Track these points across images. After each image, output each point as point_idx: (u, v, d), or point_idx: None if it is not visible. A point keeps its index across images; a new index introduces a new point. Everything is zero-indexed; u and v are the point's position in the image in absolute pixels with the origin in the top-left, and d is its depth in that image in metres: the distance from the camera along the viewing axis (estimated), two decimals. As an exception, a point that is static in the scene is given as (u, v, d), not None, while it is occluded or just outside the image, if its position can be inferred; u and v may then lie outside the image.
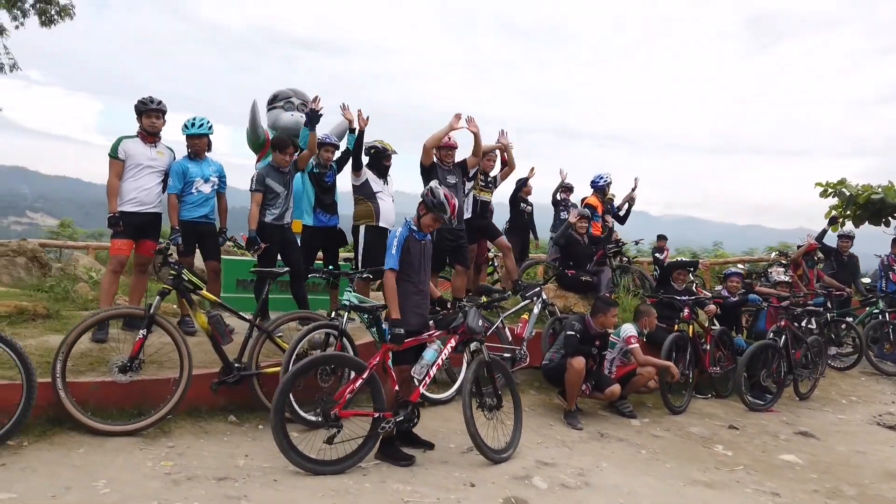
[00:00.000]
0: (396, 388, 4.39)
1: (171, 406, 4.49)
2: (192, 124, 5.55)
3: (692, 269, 7.98)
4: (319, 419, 4.24)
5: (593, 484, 4.27)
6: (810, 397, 7.42)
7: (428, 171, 6.72)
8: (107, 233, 9.08)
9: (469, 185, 7.33)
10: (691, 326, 6.81)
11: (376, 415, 4.24)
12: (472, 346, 4.65)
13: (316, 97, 6.19)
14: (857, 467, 5.16)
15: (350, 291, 5.25)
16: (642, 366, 6.09)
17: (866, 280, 11.11)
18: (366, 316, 4.55)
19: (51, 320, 5.66)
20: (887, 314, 9.31)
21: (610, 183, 9.29)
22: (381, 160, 6.64)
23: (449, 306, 4.97)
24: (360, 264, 6.46)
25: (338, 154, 6.64)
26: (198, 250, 5.74)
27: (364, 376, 4.18)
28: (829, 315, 8.92)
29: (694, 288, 7.67)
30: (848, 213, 16.02)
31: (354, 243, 6.64)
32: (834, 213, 16.46)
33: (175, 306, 5.71)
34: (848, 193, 15.62)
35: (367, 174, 6.55)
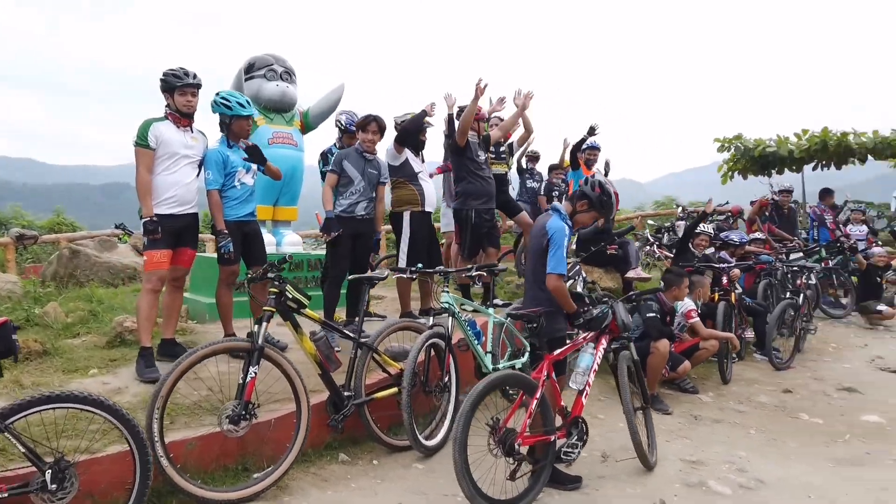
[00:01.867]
0: (562, 403, 3.90)
1: (295, 455, 3.67)
2: (239, 103, 4.50)
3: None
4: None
5: (765, 481, 4.09)
6: (804, 350, 7.85)
7: (462, 151, 6.09)
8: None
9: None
10: (733, 293, 6.85)
11: (552, 438, 3.73)
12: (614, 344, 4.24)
13: None
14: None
15: (447, 293, 4.59)
16: (706, 339, 6.02)
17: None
18: (533, 324, 3.92)
19: (50, 357, 4.48)
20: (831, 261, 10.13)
21: (598, 148, 9.08)
22: (416, 135, 5.89)
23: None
24: (406, 256, 5.75)
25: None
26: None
27: (538, 396, 3.64)
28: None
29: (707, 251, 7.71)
30: (739, 165, 17.30)
31: (396, 232, 5.89)
32: (725, 165, 17.74)
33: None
34: (743, 147, 16.82)
35: (407, 153, 5.79)
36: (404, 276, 4.73)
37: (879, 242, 11.74)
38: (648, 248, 11.64)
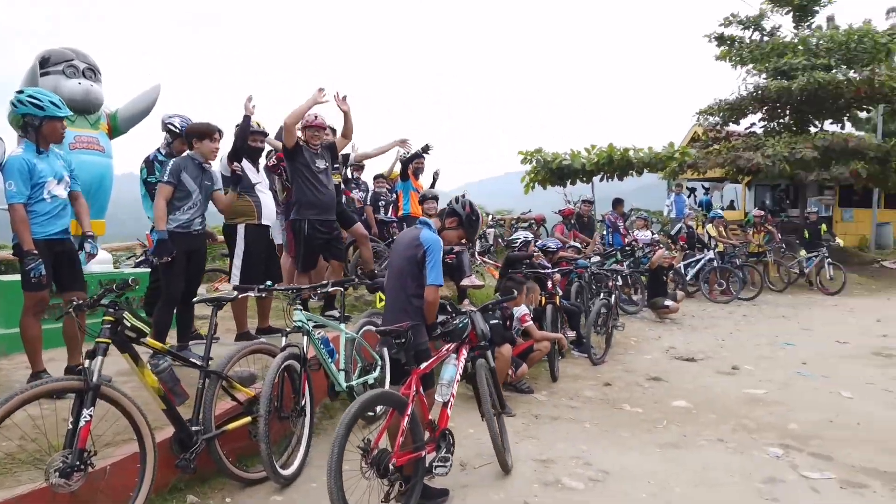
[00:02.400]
0: (430, 417, 3.88)
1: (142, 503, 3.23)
2: (52, 102, 3.88)
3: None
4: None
5: (610, 471, 4.42)
6: (612, 344, 8.66)
7: (292, 155, 5.86)
8: None
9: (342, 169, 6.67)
10: (557, 297, 7.32)
11: (423, 454, 3.69)
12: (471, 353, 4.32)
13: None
14: (723, 399, 6.26)
15: (300, 310, 4.36)
16: (539, 342, 6.37)
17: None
18: (400, 339, 3.80)
19: None
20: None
21: (419, 156, 9.23)
22: (250, 141, 5.55)
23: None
24: (240, 272, 5.40)
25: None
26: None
27: (409, 412, 3.58)
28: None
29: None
30: (539, 176, 18.71)
31: (230, 246, 5.49)
32: (527, 177, 19.09)
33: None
34: (543, 160, 18.21)
35: (242, 163, 5.44)
36: (252, 294, 4.40)
37: (661, 245, 13.37)
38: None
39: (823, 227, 14.82)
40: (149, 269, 5.95)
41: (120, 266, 10.21)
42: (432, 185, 9.63)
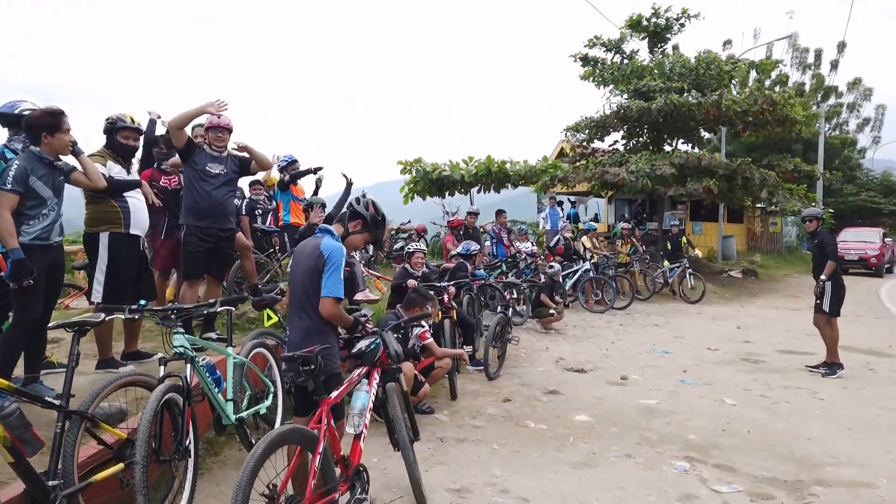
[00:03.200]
0: (342, 453, 3.41)
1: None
2: None
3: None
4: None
5: (528, 497, 4.17)
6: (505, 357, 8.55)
7: (183, 155, 5.22)
8: None
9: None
10: (454, 311, 7.03)
11: (336, 496, 3.22)
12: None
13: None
14: (622, 411, 6.25)
15: (181, 334, 3.73)
16: (440, 358, 6.05)
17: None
18: (309, 366, 3.27)
19: None
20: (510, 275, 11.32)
21: (292, 162, 8.68)
22: (120, 138, 4.81)
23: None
24: (103, 288, 4.64)
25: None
26: None
27: (320, 450, 3.10)
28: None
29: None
30: (419, 187, 18.55)
31: (90, 258, 4.70)
32: (407, 187, 18.86)
33: None
34: (423, 170, 18.05)
35: (111, 165, 4.69)
36: (123, 316, 3.70)
37: (541, 256, 13.59)
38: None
39: (684, 239, 15.77)
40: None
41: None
42: (315, 192, 9.06)
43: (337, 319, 3.49)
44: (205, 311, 4.04)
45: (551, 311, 10.54)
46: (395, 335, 4.04)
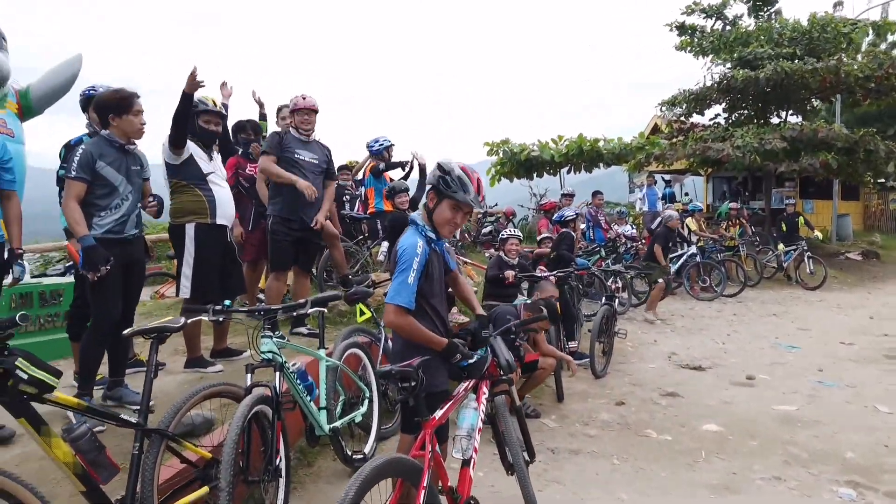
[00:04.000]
0: (449, 483, 2.90)
1: None
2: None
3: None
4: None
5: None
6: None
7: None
8: None
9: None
10: (559, 304, 6.41)
11: (448, 538, 2.72)
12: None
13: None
14: (757, 419, 5.46)
15: (270, 337, 3.31)
16: (545, 356, 5.47)
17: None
18: (408, 383, 2.79)
19: None
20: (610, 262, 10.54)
21: (391, 145, 8.18)
22: (201, 122, 4.46)
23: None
24: (191, 283, 4.32)
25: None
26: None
27: (425, 484, 2.60)
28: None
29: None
30: (506, 168, 17.89)
31: (178, 249, 4.40)
32: (493, 169, 18.23)
33: None
34: (510, 151, 17.38)
35: (191, 148, 4.34)
36: (207, 318, 3.31)
37: (641, 240, 12.68)
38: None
39: (801, 219, 14.40)
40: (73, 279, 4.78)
41: (47, 272, 8.85)
42: (406, 176, 8.57)
43: (405, 333, 2.93)
44: (294, 313, 3.61)
45: (658, 279, 9.60)
46: (508, 341, 3.45)
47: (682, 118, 20.06)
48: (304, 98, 5.05)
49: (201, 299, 4.47)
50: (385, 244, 7.55)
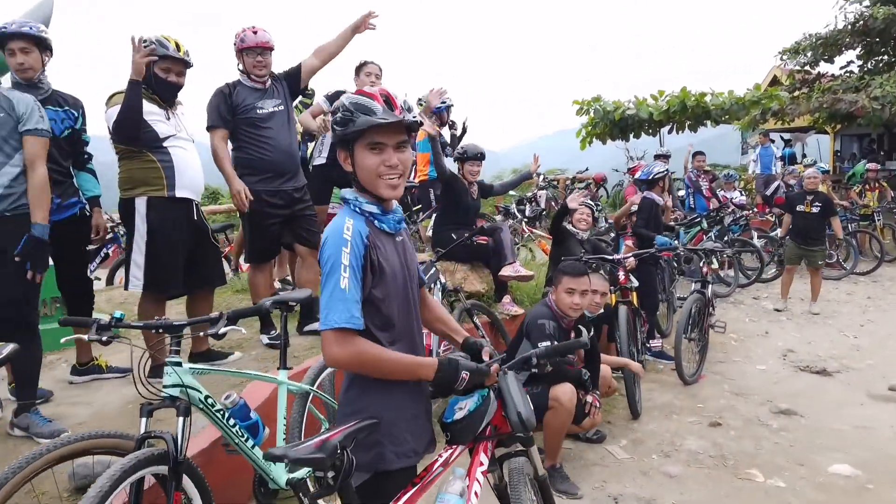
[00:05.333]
0: None
1: None
2: None
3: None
4: None
5: None
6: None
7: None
8: None
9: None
10: (633, 293, 5.12)
11: None
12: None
13: None
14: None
15: (176, 365, 2.33)
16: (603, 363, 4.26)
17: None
18: (324, 474, 1.74)
19: None
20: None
21: (451, 106, 7.02)
22: (159, 70, 3.51)
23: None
24: (143, 273, 3.44)
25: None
26: None
27: None
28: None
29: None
30: (598, 129, 16.21)
31: (128, 231, 3.53)
32: (584, 130, 16.60)
33: None
34: (602, 110, 15.68)
35: (145, 105, 3.42)
36: (86, 338, 2.35)
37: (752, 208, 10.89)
38: (512, 227, 9.88)
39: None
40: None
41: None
42: (460, 138, 7.36)
43: (364, 368, 1.80)
44: (202, 333, 2.60)
45: (820, 262, 7.87)
46: (534, 368, 2.25)
47: (807, 67, 17.52)
48: (254, 32, 3.96)
49: (159, 294, 3.61)
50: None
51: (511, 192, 14.98)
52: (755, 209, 11.71)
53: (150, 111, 3.42)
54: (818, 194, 7.90)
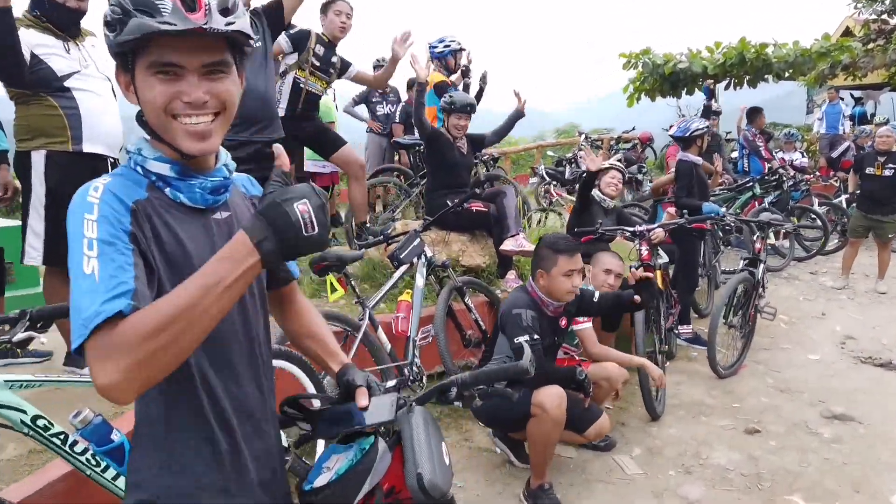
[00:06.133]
0: None
1: None
2: None
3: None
4: None
5: None
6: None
7: None
8: None
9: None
10: (659, 271, 4.33)
11: None
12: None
13: None
14: None
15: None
16: (596, 360, 3.55)
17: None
18: None
19: None
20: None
21: (459, 50, 6.21)
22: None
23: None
24: (43, 244, 2.89)
25: None
26: None
27: None
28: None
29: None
30: (647, 85, 15.08)
31: (24, 190, 2.98)
32: (631, 86, 15.46)
33: None
34: (651, 64, 14.53)
35: (35, 40, 2.82)
36: None
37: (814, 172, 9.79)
38: (544, 189, 9.06)
39: None
40: None
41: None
42: (479, 95, 6.51)
43: (145, 369, 0.96)
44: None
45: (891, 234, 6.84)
46: (455, 402, 1.53)
47: (885, 16, 15.82)
48: None
49: (64, 269, 3.04)
50: None
51: (550, 153, 14.11)
52: (818, 173, 10.58)
53: (42, 43, 2.80)
54: (892, 155, 6.81)
